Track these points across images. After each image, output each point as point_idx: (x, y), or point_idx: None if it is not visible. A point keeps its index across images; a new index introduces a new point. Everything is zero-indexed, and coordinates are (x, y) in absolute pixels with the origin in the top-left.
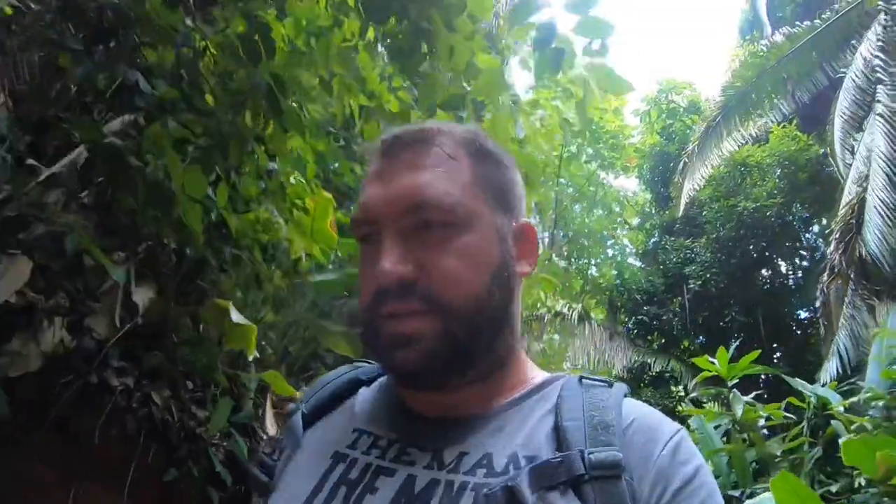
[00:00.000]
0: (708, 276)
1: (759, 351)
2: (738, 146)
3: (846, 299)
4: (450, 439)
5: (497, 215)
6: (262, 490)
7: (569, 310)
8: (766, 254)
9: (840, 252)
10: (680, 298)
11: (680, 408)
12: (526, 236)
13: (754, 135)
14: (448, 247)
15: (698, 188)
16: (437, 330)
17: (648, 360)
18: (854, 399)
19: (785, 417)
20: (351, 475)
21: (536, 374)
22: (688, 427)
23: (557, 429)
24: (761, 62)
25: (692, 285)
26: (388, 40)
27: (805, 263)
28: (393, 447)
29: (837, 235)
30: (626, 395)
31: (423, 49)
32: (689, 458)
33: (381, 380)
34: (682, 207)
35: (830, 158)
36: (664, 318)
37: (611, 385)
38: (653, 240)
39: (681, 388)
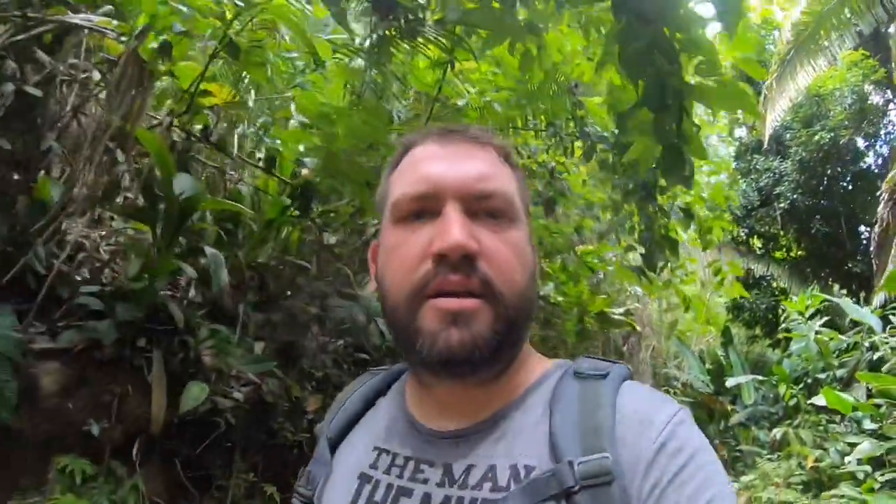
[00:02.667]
0: (796, 195)
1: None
2: (811, 78)
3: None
4: (458, 453)
5: (528, 220)
6: None
7: None
8: (840, 173)
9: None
10: (773, 213)
11: (780, 309)
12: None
13: (824, 67)
14: (506, 238)
15: (779, 119)
16: (492, 315)
17: (752, 266)
18: None
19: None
20: (376, 496)
21: (537, 369)
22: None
23: (551, 434)
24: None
25: (783, 203)
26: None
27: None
28: (409, 465)
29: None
30: (624, 380)
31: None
32: (683, 446)
33: (396, 386)
34: (766, 137)
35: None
36: (762, 230)
37: (605, 375)
38: (742, 161)
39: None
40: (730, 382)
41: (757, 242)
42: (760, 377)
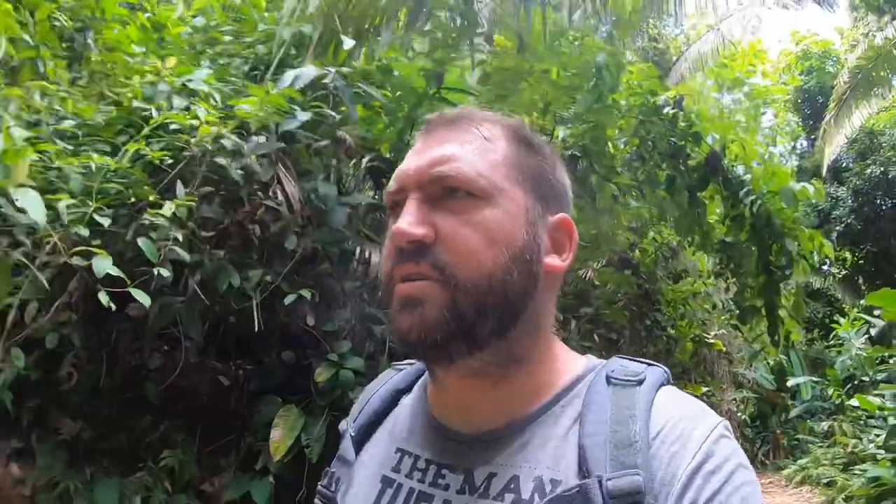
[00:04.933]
0: (850, 220)
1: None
2: (865, 117)
3: None
4: (479, 458)
5: (529, 199)
6: None
7: None
8: (892, 202)
9: None
10: (830, 233)
11: (834, 318)
12: (562, 230)
13: (877, 107)
14: (468, 218)
15: (836, 152)
16: (443, 299)
17: (810, 279)
18: None
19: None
20: (398, 502)
21: (568, 372)
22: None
23: (580, 447)
24: (878, 51)
25: (838, 226)
26: None
27: None
28: (430, 469)
29: None
30: (662, 386)
31: None
32: (720, 465)
33: (419, 384)
34: (825, 169)
35: None
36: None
37: (641, 382)
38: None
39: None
40: (790, 382)
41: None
42: (815, 378)
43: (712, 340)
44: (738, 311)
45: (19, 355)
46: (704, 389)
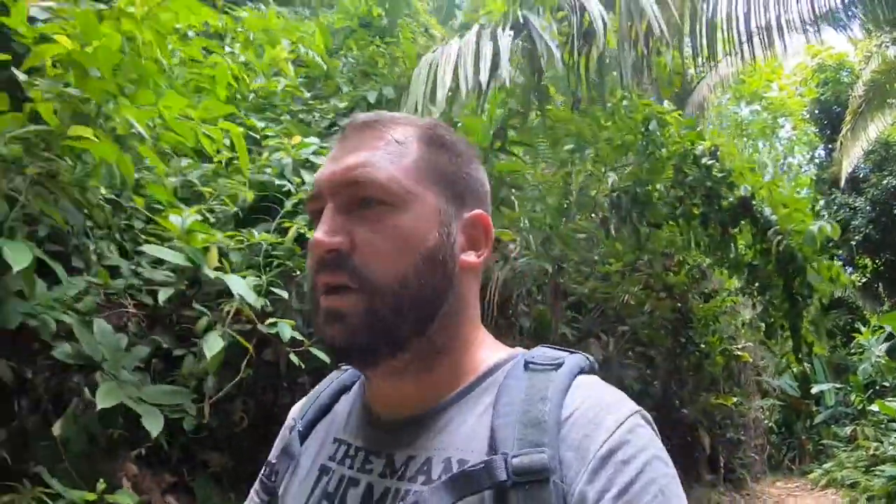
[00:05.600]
0: (868, 230)
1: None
2: (881, 129)
3: None
4: (400, 443)
5: (441, 200)
6: None
7: None
8: None
9: None
10: (850, 242)
11: (856, 325)
12: (477, 226)
13: (891, 120)
14: (380, 225)
15: (853, 164)
16: (362, 307)
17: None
18: None
19: None
20: (329, 488)
21: (489, 360)
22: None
23: (491, 428)
24: (891, 64)
25: (857, 236)
26: None
27: None
28: (359, 455)
29: None
30: (580, 374)
31: None
32: (635, 454)
33: (360, 380)
34: (843, 180)
35: None
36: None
37: (558, 367)
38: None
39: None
40: (814, 389)
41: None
42: (838, 385)
43: (740, 353)
44: (764, 328)
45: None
46: (734, 400)
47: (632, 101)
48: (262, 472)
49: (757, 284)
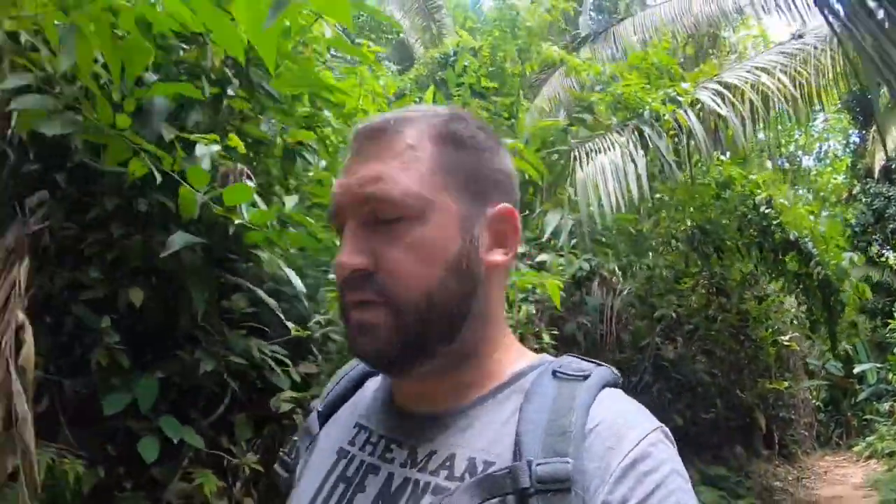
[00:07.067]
0: None
1: None
2: None
3: None
4: (424, 436)
5: (463, 204)
6: (285, 487)
7: None
8: None
9: None
10: (885, 230)
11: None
12: (503, 221)
13: None
14: (399, 241)
15: (884, 159)
16: (390, 322)
17: (870, 273)
18: None
19: None
20: (348, 472)
21: (516, 364)
22: None
23: (517, 434)
24: None
25: (892, 224)
26: None
27: None
28: (380, 443)
29: None
30: (605, 387)
31: None
32: (656, 467)
33: None
34: (876, 171)
35: None
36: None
37: (585, 378)
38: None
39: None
40: (857, 369)
41: (874, 249)
42: (879, 364)
43: (788, 343)
44: (808, 324)
45: None
46: (786, 384)
47: (712, 166)
48: (283, 448)
49: (802, 296)
